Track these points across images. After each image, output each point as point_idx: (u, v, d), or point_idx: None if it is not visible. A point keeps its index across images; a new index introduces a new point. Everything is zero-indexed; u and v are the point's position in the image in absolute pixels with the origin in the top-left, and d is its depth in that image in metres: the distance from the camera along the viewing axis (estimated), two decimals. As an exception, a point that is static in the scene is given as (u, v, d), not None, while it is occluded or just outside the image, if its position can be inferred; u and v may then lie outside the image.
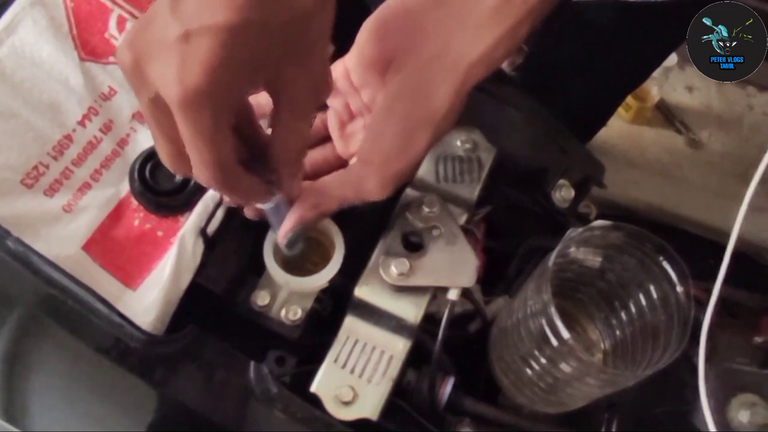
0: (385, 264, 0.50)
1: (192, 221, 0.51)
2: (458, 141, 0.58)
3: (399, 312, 0.50)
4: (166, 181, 0.52)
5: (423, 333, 0.51)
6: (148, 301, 0.48)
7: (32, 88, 0.51)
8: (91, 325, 0.47)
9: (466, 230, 0.55)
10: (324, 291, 0.53)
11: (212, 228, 0.51)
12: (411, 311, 0.50)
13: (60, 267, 0.47)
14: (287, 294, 0.52)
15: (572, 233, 0.45)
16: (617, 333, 0.53)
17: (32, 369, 0.48)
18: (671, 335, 0.45)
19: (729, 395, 0.52)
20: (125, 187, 0.52)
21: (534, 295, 0.46)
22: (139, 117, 0.54)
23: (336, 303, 0.54)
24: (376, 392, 0.48)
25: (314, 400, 0.48)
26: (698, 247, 0.46)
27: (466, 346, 0.56)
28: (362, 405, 0.48)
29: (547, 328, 0.44)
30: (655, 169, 1.41)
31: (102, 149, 0.52)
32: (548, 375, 0.47)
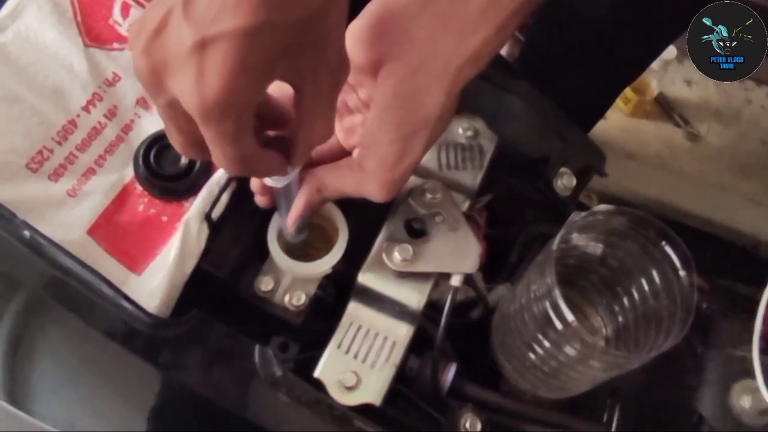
0: (389, 250, 0.51)
1: (196, 206, 0.51)
2: (460, 128, 0.58)
3: (402, 298, 0.51)
4: (171, 167, 0.52)
5: (425, 319, 0.52)
6: (153, 286, 0.48)
7: (37, 73, 0.51)
8: (96, 308, 0.47)
9: (469, 217, 0.55)
10: (327, 277, 0.53)
11: (216, 213, 0.51)
12: (414, 297, 0.51)
13: (66, 250, 0.47)
14: (291, 279, 0.52)
15: (575, 217, 0.45)
16: (619, 319, 0.53)
17: (36, 352, 0.48)
18: (674, 320, 0.45)
19: (730, 381, 0.52)
20: (129, 173, 0.52)
21: (537, 279, 0.46)
22: (143, 103, 0.54)
23: (339, 289, 0.54)
24: (379, 378, 0.48)
25: (318, 386, 0.48)
26: (696, 240, 0.46)
27: (468, 333, 0.57)
28: (365, 390, 0.48)
29: (551, 312, 0.44)
30: (654, 163, 1.41)
31: (106, 135, 0.52)
32: (552, 359, 0.47)
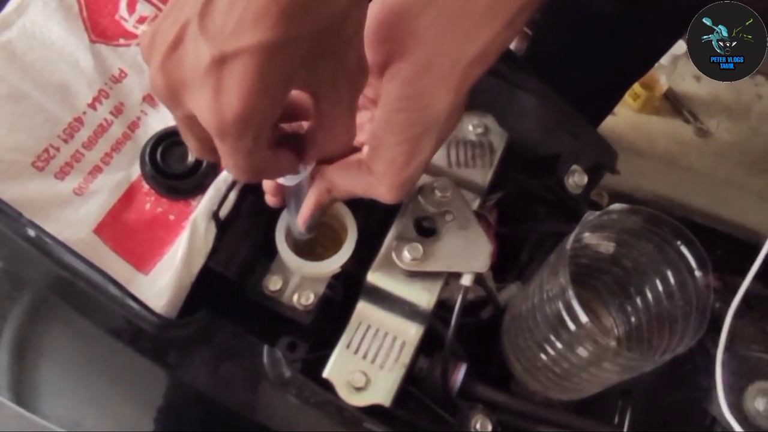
0: (398, 249, 0.50)
1: (204, 205, 0.50)
2: (470, 125, 0.58)
3: (412, 297, 0.50)
4: (178, 165, 0.51)
5: (435, 319, 0.51)
6: (160, 285, 0.47)
7: (42, 70, 0.50)
8: (103, 308, 0.46)
9: (479, 215, 0.54)
10: (336, 276, 0.52)
11: (224, 212, 0.51)
12: (424, 297, 0.50)
13: (72, 249, 0.46)
14: (299, 279, 0.52)
15: (589, 217, 0.44)
16: (632, 319, 0.52)
17: (43, 352, 0.47)
18: (689, 322, 0.44)
19: (745, 383, 0.52)
20: (136, 171, 0.51)
21: (550, 279, 0.45)
22: (150, 100, 0.53)
23: (348, 288, 0.53)
24: (389, 378, 0.48)
25: (327, 386, 0.47)
26: (705, 238, 0.45)
27: (478, 333, 0.56)
28: (375, 391, 0.47)
29: (564, 312, 0.44)
30: (663, 159, 1.41)
31: (113, 132, 0.52)
32: (564, 360, 0.47)
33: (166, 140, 0.51)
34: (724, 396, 0.52)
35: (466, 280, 0.50)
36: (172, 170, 0.51)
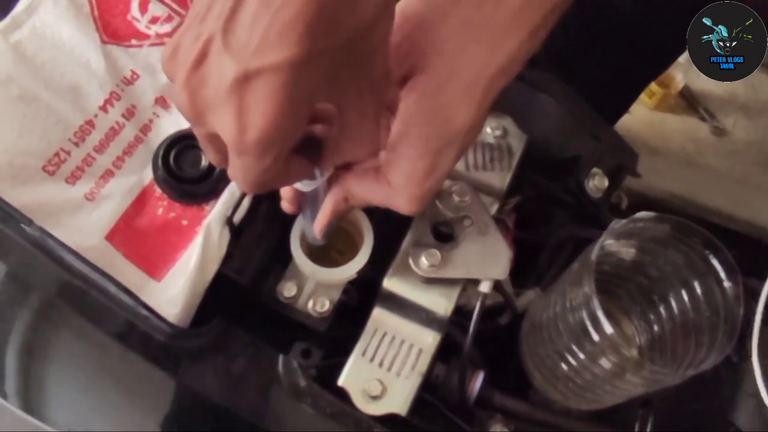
0: (415, 255, 0.49)
1: (218, 210, 0.49)
2: (488, 128, 0.57)
3: (429, 304, 0.49)
4: (191, 169, 0.50)
5: (451, 325, 0.50)
6: (174, 293, 0.47)
7: (53, 71, 0.49)
8: (115, 317, 0.46)
9: (497, 220, 0.53)
10: (351, 282, 0.52)
11: (238, 217, 0.50)
12: (441, 304, 0.49)
13: (83, 257, 0.45)
14: (314, 285, 0.51)
15: (616, 224, 0.43)
16: (654, 328, 0.51)
17: (51, 358, 0.47)
18: (717, 334, 0.43)
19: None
20: (148, 175, 0.51)
21: (573, 288, 0.44)
22: (163, 102, 0.52)
23: (363, 294, 0.52)
24: (405, 386, 0.47)
25: (342, 394, 0.46)
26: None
27: (495, 340, 0.55)
28: (391, 399, 0.47)
29: (588, 323, 0.42)
30: (679, 158, 1.39)
31: (124, 135, 0.51)
32: (586, 371, 0.46)
33: (180, 143, 0.50)
34: (748, 406, 0.51)
35: (485, 287, 0.49)
36: (186, 174, 0.50)
